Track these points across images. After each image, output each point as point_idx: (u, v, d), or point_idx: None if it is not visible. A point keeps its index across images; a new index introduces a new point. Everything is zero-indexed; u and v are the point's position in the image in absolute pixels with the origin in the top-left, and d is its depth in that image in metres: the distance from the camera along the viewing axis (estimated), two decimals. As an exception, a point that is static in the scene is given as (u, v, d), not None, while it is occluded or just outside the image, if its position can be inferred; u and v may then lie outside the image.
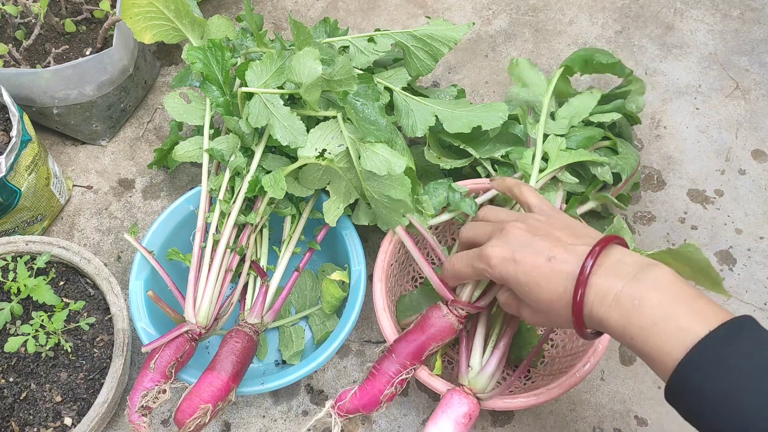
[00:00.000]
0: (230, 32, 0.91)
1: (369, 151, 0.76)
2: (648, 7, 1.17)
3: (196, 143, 0.87)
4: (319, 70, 0.73)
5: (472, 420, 0.71)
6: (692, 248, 0.61)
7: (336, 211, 0.81)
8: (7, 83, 0.90)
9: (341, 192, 0.81)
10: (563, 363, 0.80)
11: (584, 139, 0.84)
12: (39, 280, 0.79)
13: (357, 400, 0.72)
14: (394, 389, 0.73)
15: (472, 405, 0.71)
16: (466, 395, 0.72)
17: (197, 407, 0.71)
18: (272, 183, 0.78)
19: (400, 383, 0.73)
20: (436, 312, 0.74)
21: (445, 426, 0.70)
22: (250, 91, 0.78)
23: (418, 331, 0.74)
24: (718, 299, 0.89)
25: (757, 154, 1.02)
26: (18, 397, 0.78)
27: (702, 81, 1.09)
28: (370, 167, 0.75)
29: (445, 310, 0.74)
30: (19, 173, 0.86)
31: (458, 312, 0.73)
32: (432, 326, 0.73)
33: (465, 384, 0.73)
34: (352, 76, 0.76)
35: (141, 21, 0.87)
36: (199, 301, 0.78)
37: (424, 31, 0.87)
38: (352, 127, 0.78)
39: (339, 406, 0.72)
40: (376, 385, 0.73)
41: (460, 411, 0.71)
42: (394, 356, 0.73)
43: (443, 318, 0.73)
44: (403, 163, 0.74)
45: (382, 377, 0.73)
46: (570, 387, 0.73)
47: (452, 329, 0.73)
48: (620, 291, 0.55)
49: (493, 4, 1.19)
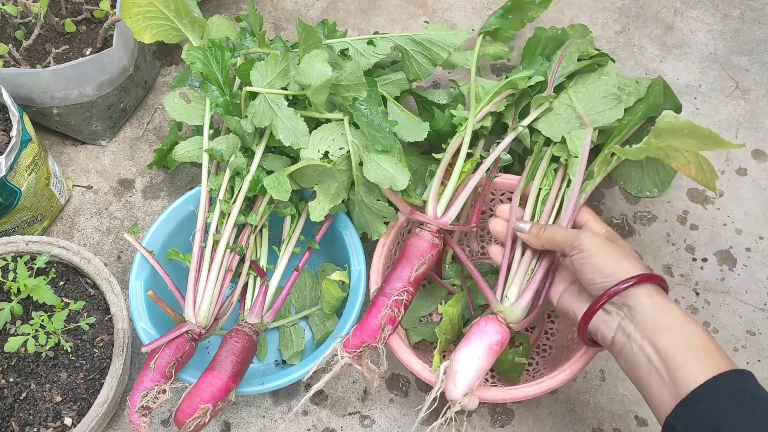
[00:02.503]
0: (230, 32, 0.91)
1: (373, 162, 0.77)
2: (648, 7, 1.17)
3: (195, 143, 0.87)
4: (329, 72, 0.74)
5: (502, 348, 0.73)
6: (670, 117, 0.67)
7: (321, 210, 0.81)
8: (7, 83, 0.90)
9: (330, 193, 0.81)
10: (562, 354, 0.81)
11: None
12: (39, 280, 0.79)
13: (360, 331, 0.74)
14: (391, 311, 0.74)
15: (505, 333, 0.74)
16: (500, 323, 0.74)
17: (197, 407, 0.71)
18: (276, 185, 0.79)
19: (395, 304, 0.75)
20: (413, 235, 0.79)
21: (477, 350, 0.72)
22: (255, 91, 0.78)
23: (400, 258, 0.78)
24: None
25: (757, 154, 1.02)
26: (18, 397, 0.78)
27: (702, 81, 1.09)
28: (373, 179, 0.77)
29: (418, 229, 0.79)
30: (19, 173, 0.86)
31: (430, 228, 0.78)
32: (409, 246, 0.78)
33: (500, 312, 0.75)
34: (362, 83, 0.77)
35: (141, 20, 0.87)
36: (199, 301, 0.78)
37: (423, 35, 0.87)
38: (358, 132, 0.78)
39: (345, 344, 0.74)
40: (373, 313, 0.75)
41: (494, 338, 0.73)
42: (384, 285, 0.76)
43: (417, 237, 0.78)
44: (406, 179, 0.77)
45: (377, 306, 0.75)
46: (574, 374, 0.74)
47: (430, 244, 0.77)
48: (628, 335, 0.64)
49: (493, 4, 1.19)
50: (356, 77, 0.77)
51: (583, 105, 0.84)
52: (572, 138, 0.81)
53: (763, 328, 0.90)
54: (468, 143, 0.83)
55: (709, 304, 0.92)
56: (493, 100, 0.86)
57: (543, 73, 0.88)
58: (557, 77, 0.86)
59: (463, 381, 0.71)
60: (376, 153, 0.77)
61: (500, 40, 1.03)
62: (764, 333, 0.90)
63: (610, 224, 0.97)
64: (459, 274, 0.88)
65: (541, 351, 0.86)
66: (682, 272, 0.94)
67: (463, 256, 0.81)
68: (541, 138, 0.84)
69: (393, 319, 0.75)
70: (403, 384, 0.88)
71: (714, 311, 0.91)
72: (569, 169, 0.80)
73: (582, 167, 0.79)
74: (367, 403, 0.87)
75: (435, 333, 0.80)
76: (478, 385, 0.72)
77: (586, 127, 0.82)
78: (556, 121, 0.84)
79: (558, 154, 0.82)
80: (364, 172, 0.77)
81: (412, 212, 0.79)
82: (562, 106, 0.85)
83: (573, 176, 0.79)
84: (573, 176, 0.79)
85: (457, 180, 0.81)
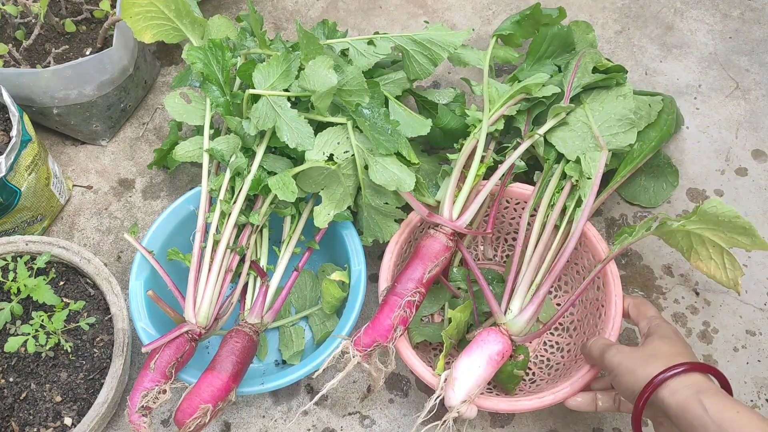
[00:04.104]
0: (230, 32, 0.91)
1: (379, 164, 0.77)
2: (648, 7, 1.17)
3: (196, 143, 0.87)
4: (334, 80, 0.74)
5: (503, 360, 0.74)
6: (715, 202, 0.67)
7: (326, 216, 0.81)
8: (7, 83, 0.90)
9: (335, 198, 0.81)
10: (567, 369, 0.81)
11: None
12: (39, 280, 0.79)
13: (372, 330, 0.74)
14: (403, 311, 0.74)
15: (506, 345, 0.74)
16: (502, 335, 0.75)
17: (197, 407, 0.71)
18: (281, 186, 0.79)
19: (407, 305, 0.74)
20: (427, 236, 0.78)
21: (478, 359, 0.73)
22: (258, 93, 0.78)
23: (413, 257, 0.77)
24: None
25: (757, 154, 1.02)
26: (18, 397, 0.78)
27: (702, 81, 1.09)
28: (379, 181, 0.77)
29: (433, 230, 0.78)
30: (19, 173, 0.86)
31: (445, 230, 0.78)
32: (423, 247, 0.77)
33: (503, 324, 0.76)
34: (364, 88, 0.77)
35: (141, 20, 0.87)
36: (199, 301, 0.78)
37: (424, 35, 0.87)
38: (361, 137, 0.79)
39: (356, 341, 0.73)
40: (385, 312, 0.74)
41: (495, 348, 0.74)
42: (396, 284, 0.76)
43: (431, 238, 0.77)
44: (412, 180, 0.77)
45: (390, 305, 0.75)
46: (575, 392, 0.74)
47: (444, 247, 0.77)
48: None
49: (493, 4, 1.19)
50: (358, 83, 0.77)
51: (599, 125, 0.85)
52: (587, 159, 0.82)
53: (763, 328, 0.90)
54: (483, 146, 0.83)
55: (709, 304, 0.92)
56: (507, 104, 0.86)
57: (558, 83, 0.89)
58: (573, 88, 0.87)
59: (461, 388, 0.71)
60: (381, 156, 0.77)
61: (511, 45, 1.03)
62: (764, 333, 0.90)
63: (610, 224, 0.97)
64: (466, 278, 0.88)
65: (539, 362, 0.86)
66: (682, 272, 0.94)
67: (472, 261, 0.81)
68: (552, 153, 0.85)
69: (405, 320, 0.75)
70: (403, 384, 0.88)
71: (714, 311, 0.91)
72: (581, 190, 0.81)
73: (594, 189, 0.80)
74: (367, 403, 0.87)
75: (436, 334, 0.80)
76: (477, 394, 0.72)
77: (602, 149, 0.83)
78: (572, 138, 0.84)
79: (570, 173, 0.83)
80: (370, 175, 0.77)
81: (431, 215, 0.79)
82: (578, 123, 0.86)
83: (585, 197, 0.80)
84: (585, 197, 0.80)
85: (472, 182, 0.81)
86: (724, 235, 0.71)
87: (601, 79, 0.87)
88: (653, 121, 0.89)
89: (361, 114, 0.79)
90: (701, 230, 0.73)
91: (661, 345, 0.68)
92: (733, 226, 0.69)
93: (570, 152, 0.84)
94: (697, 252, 0.76)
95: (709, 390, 0.61)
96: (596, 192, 0.81)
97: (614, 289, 0.78)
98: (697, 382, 0.62)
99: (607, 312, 0.78)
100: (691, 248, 0.76)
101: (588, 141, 0.84)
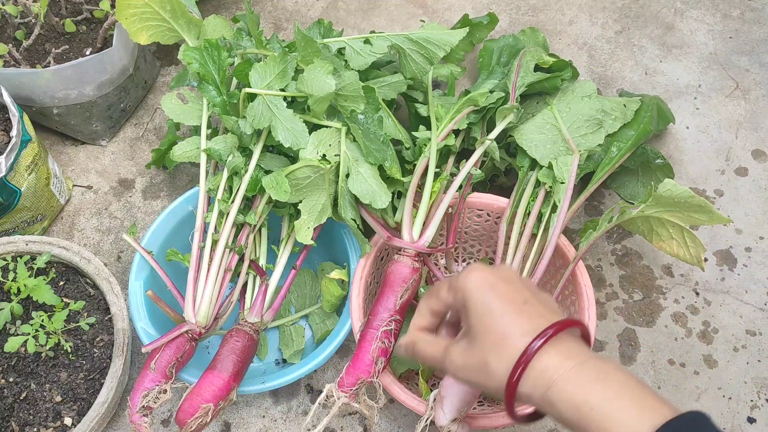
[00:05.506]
0: (226, 32, 0.91)
1: (360, 175, 0.78)
2: (648, 7, 1.17)
3: (194, 143, 0.87)
4: (332, 85, 0.75)
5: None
6: (669, 185, 0.68)
7: (307, 231, 0.80)
8: (7, 83, 0.90)
9: (316, 211, 0.80)
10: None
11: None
12: (39, 280, 0.79)
13: (353, 369, 0.73)
14: (381, 343, 0.73)
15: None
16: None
17: (199, 407, 0.71)
18: (274, 184, 0.78)
19: (384, 336, 0.73)
20: (392, 262, 0.77)
21: None
22: (254, 92, 0.78)
23: (383, 287, 0.76)
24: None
25: (757, 154, 1.02)
26: (18, 397, 0.78)
27: (702, 81, 1.09)
28: (356, 191, 0.78)
29: (397, 255, 0.78)
30: (19, 173, 0.86)
31: (408, 252, 0.77)
32: (390, 274, 0.77)
33: None
34: (360, 95, 0.78)
35: (137, 22, 0.87)
36: (198, 300, 0.78)
37: (420, 34, 0.87)
38: (352, 145, 0.80)
39: (339, 383, 0.72)
40: (364, 348, 0.73)
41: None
42: (371, 318, 0.75)
43: (397, 263, 0.77)
44: (387, 198, 0.78)
45: (367, 340, 0.74)
46: None
47: (411, 269, 0.76)
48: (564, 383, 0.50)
49: (493, 4, 1.19)
50: (354, 89, 0.78)
51: (568, 126, 0.85)
52: (559, 164, 0.82)
53: (763, 328, 0.90)
54: (435, 163, 0.82)
55: (709, 304, 0.92)
56: (455, 118, 0.86)
57: (503, 86, 0.89)
58: (518, 87, 0.88)
59: (450, 407, 0.68)
60: (367, 165, 0.78)
61: (451, 62, 1.04)
62: (764, 333, 0.90)
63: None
64: None
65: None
66: (682, 272, 0.94)
67: (441, 277, 0.80)
68: (526, 161, 0.85)
69: (385, 351, 0.73)
70: (403, 384, 0.88)
71: (714, 311, 0.91)
72: (555, 195, 0.81)
73: (568, 193, 0.80)
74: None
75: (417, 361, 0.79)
76: (467, 411, 0.69)
77: (573, 153, 0.83)
78: (543, 141, 0.84)
79: (543, 180, 0.83)
80: (348, 183, 0.78)
81: (390, 238, 0.78)
82: (547, 125, 0.86)
83: (559, 202, 0.80)
84: (559, 202, 0.80)
85: (428, 201, 0.80)
86: (681, 214, 0.73)
87: (545, 78, 0.88)
88: (630, 121, 0.88)
89: (355, 120, 0.80)
90: (659, 213, 0.74)
91: (483, 338, 0.54)
92: (689, 206, 0.71)
93: (542, 157, 0.84)
94: (658, 234, 0.77)
95: (553, 380, 0.50)
96: (570, 196, 0.80)
97: (583, 279, 0.78)
98: (543, 372, 0.51)
99: (580, 304, 0.78)
100: (651, 231, 0.78)
101: (559, 144, 0.84)
